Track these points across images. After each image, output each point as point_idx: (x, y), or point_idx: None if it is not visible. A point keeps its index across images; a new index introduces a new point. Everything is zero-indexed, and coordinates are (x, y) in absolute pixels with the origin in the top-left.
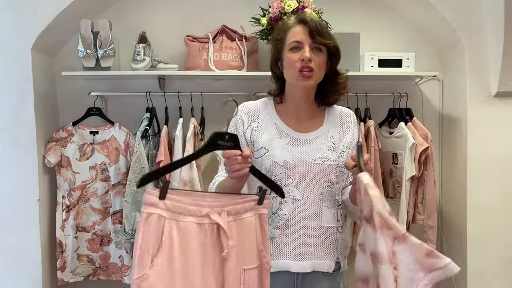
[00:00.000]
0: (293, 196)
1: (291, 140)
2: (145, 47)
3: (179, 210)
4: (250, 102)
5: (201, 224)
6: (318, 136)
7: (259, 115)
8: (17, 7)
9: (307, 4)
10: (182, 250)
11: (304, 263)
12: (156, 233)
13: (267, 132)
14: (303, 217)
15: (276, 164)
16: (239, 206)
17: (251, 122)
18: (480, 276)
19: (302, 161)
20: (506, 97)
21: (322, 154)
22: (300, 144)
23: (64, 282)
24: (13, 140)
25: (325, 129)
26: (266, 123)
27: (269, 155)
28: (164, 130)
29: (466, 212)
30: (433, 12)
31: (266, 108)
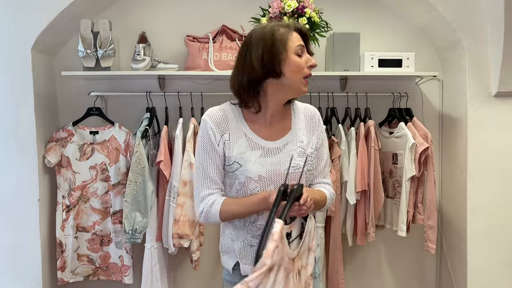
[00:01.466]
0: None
1: (263, 151)
2: (145, 47)
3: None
4: (216, 109)
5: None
6: (287, 142)
7: (229, 125)
8: (17, 7)
9: (307, 4)
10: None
11: None
12: None
13: (238, 145)
14: None
15: (250, 179)
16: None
17: (222, 134)
18: (480, 276)
19: (275, 172)
20: (506, 97)
21: (293, 162)
22: (272, 154)
23: (64, 282)
24: (13, 140)
25: (294, 134)
26: (236, 134)
27: (243, 170)
28: (164, 130)
29: (466, 212)
30: (433, 12)
31: (234, 116)
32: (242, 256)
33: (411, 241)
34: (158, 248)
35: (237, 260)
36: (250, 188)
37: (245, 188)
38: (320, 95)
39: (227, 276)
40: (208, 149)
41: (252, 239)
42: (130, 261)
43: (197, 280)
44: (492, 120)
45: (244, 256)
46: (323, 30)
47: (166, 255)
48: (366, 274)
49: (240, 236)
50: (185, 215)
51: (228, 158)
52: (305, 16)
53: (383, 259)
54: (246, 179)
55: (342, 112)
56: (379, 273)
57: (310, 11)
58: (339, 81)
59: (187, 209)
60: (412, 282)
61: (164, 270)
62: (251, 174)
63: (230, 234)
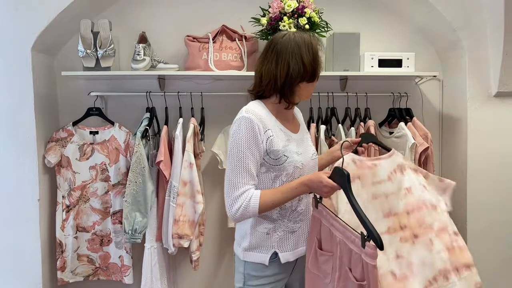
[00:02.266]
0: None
1: (296, 142)
2: (145, 47)
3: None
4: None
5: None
6: (303, 133)
7: (268, 123)
8: (17, 7)
9: (307, 4)
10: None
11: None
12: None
13: (280, 139)
14: (309, 208)
15: (297, 168)
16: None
17: (266, 130)
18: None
19: (307, 159)
20: (506, 97)
21: (312, 149)
22: (300, 144)
23: (64, 282)
24: (13, 140)
25: (302, 126)
26: (275, 129)
27: (290, 161)
28: (164, 130)
29: (466, 211)
30: (433, 12)
31: (268, 114)
32: (281, 245)
33: None
34: (158, 248)
35: (274, 251)
36: (295, 177)
37: (292, 177)
38: (320, 95)
39: (257, 271)
40: (252, 146)
41: (294, 225)
42: (130, 261)
43: (197, 280)
44: (492, 120)
45: (285, 244)
46: (323, 30)
47: (166, 255)
48: None
49: (279, 227)
50: (185, 215)
51: (275, 152)
52: (305, 16)
53: None
54: (294, 169)
55: (342, 112)
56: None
57: (310, 11)
58: (339, 81)
59: (187, 209)
60: None
61: (164, 270)
62: (297, 164)
63: (266, 228)
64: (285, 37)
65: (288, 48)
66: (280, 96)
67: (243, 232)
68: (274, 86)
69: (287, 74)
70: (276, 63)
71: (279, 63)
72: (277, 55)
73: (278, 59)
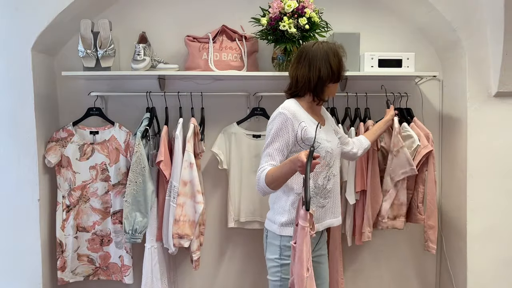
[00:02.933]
0: (333, 174)
1: (325, 132)
2: (145, 47)
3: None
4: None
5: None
6: (328, 126)
7: (301, 116)
8: (17, 7)
9: (307, 4)
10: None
11: (337, 219)
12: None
13: (312, 128)
14: (337, 187)
15: (327, 153)
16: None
17: (300, 122)
18: (480, 276)
19: (335, 147)
20: (506, 97)
21: (337, 140)
22: (328, 134)
23: (64, 282)
24: (13, 140)
25: (328, 121)
26: (308, 121)
27: (322, 147)
28: (164, 130)
29: (466, 212)
30: (433, 12)
31: (301, 110)
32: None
33: (411, 241)
34: (158, 248)
35: None
36: (327, 160)
37: (324, 160)
38: None
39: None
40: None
41: (324, 201)
42: (130, 261)
43: (197, 280)
44: (492, 120)
45: (315, 217)
46: (323, 30)
47: (166, 255)
48: (366, 274)
49: (313, 203)
50: (185, 215)
51: (310, 139)
52: (305, 16)
53: (383, 259)
54: (325, 153)
55: (342, 112)
56: (379, 273)
57: (310, 11)
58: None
59: (187, 209)
60: (412, 282)
61: (164, 270)
62: (328, 149)
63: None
64: (314, 46)
65: (318, 56)
66: (313, 95)
67: (281, 209)
68: (308, 87)
69: (319, 77)
70: (309, 68)
71: (311, 68)
72: (309, 62)
73: (310, 64)
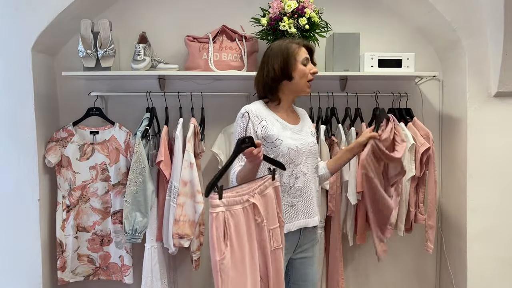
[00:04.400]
0: (303, 172)
1: (291, 131)
2: (145, 47)
3: (231, 203)
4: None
5: (243, 208)
6: (302, 126)
7: (263, 115)
8: (17, 7)
9: (307, 4)
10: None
11: (315, 218)
12: (223, 224)
13: (275, 127)
14: (309, 186)
15: (290, 150)
16: (262, 186)
17: (260, 121)
18: (480, 276)
19: (304, 145)
20: (506, 97)
21: (311, 139)
22: (297, 133)
23: (64, 282)
24: (13, 140)
25: (303, 122)
26: (271, 120)
27: (284, 144)
28: (164, 130)
29: (466, 212)
30: (433, 12)
31: (265, 109)
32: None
33: (411, 241)
34: (158, 248)
35: None
36: (291, 156)
37: (287, 157)
38: (320, 95)
39: None
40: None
41: (293, 200)
42: (130, 261)
43: (197, 280)
44: (492, 120)
45: (285, 216)
46: (323, 30)
47: (166, 255)
48: (366, 274)
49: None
50: (185, 215)
51: (270, 137)
52: (305, 16)
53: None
54: (288, 150)
55: (342, 112)
56: (379, 273)
57: (310, 11)
58: (339, 81)
59: (187, 209)
60: (412, 282)
61: (164, 270)
62: (291, 146)
63: None
64: (268, 48)
65: (265, 58)
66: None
67: None
68: (262, 89)
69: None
70: (261, 71)
71: (261, 70)
72: (261, 64)
73: (261, 67)
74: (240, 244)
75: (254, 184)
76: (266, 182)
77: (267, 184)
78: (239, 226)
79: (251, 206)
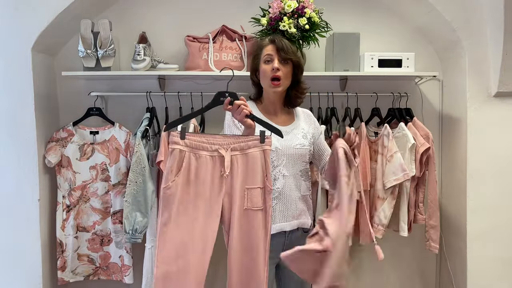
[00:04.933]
0: (283, 174)
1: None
2: (145, 47)
3: (196, 146)
4: None
5: (212, 156)
6: (293, 128)
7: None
8: (17, 7)
9: (307, 4)
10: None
11: (293, 222)
12: (178, 161)
13: (259, 127)
14: (290, 189)
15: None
16: (242, 144)
17: None
18: (480, 276)
19: (287, 147)
20: (506, 97)
21: (299, 141)
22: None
23: (64, 281)
24: (13, 140)
25: (297, 123)
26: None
27: None
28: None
29: (466, 212)
30: (433, 12)
31: (252, 106)
32: None
33: (411, 241)
34: None
35: None
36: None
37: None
38: (320, 95)
39: None
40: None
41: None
42: (130, 261)
43: None
44: (492, 120)
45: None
46: (323, 30)
47: None
48: (366, 274)
49: None
50: None
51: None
52: (305, 16)
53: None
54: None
55: (342, 112)
56: (379, 273)
57: (310, 11)
58: (339, 81)
59: None
60: (412, 282)
61: None
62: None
63: None
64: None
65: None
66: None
67: None
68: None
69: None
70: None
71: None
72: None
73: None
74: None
75: (233, 139)
76: (250, 142)
77: (250, 144)
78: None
79: (221, 158)
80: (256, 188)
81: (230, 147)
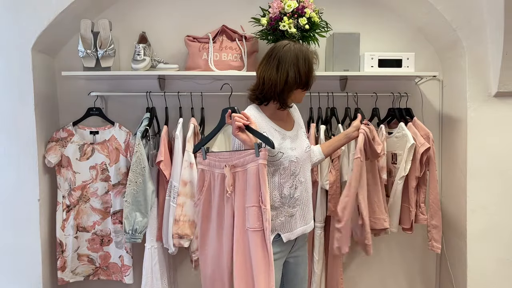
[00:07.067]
0: (300, 181)
1: (290, 139)
2: (145, 47)
3: (212, 165)
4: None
5: (222, 173)
6: (297, 130)
7: (262, 125)
8: (17, 7)
9: (307, 4)
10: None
11: (311, 223)
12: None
13: (275, 138)
14: (306, 193)
15: (291, 162)
16: (242, 159)
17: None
18: (480, 276)
19: (301, 153)
20: (506, 97)
21: (306, 143)
22: (294, 140)
23: (64, 282)
24: (13, 140)
25: (297, 125)
26: (269, 130)
27: (286, 157)
28: (164, 130)
29: (466, 212)
30: (433, 12)
31: (260, 117)
32: (282, 227)
33: (411, 241)
34: (158, 248)
35: (277, 233)
36: (292, 169)
37: (288, 170)
38: (320, 95)
39: None
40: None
41: (292, 210)
42: (130, 261)
43: (197, 280)
44: (491, 120)
45: (286, 227)
46: (323, 30)
47: (166, 255)
48: (366, 274)
49: (281, 213)
50: (185, 215)
51: (272, 151)
52: (305, 16)
53: (383, 259)
54: (289, 163)
55: (342, 112)
56: (378, 273)
57: (310, 11)
58: (339, 81)
59: (187, 209)
60: (412, 282)
61: (164, 270)
62: (292, 158)
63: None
64: (286, 47)
65: (288, 58)
66: (278, 99)
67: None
68: (274, 90)
69: (286, 81)
70: (276, 70)
71: (279, 70)
72: (278, 63)
73: (278, 66)
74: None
75: (234, 155)
76: (247, 157)
77: (247, 159)
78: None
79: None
80: (252, 207)
81: (229, 165)
